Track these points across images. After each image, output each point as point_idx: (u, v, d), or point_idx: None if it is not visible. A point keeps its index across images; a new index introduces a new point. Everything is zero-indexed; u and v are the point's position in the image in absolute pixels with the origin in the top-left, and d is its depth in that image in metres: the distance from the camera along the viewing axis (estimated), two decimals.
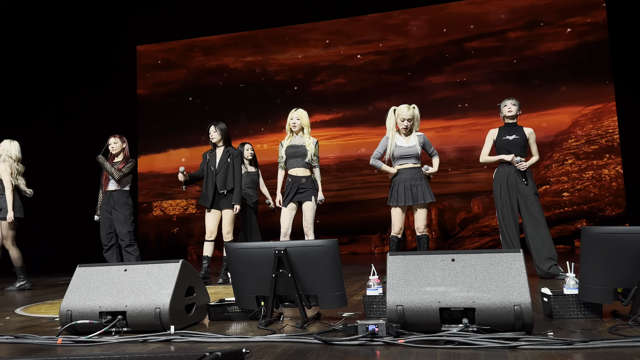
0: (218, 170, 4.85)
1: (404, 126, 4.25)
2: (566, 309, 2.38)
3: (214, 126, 4.92)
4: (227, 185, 4.83)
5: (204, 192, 4.89)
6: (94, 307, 2.48)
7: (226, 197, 4.85)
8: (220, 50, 10.31)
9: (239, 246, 2.58)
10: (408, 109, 4.26)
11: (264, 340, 2.15)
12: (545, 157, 8.27)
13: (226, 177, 4.82)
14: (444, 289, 2.14)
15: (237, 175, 4.85)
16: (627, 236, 2.20)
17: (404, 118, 4.25)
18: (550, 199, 8.31)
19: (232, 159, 4.86)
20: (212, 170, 4.86)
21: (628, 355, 1.70)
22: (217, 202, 4.87)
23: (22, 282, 5.12)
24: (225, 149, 4.91)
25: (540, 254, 4.04)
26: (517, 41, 8.80)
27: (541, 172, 8.34)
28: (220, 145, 4.94)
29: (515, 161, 4.13)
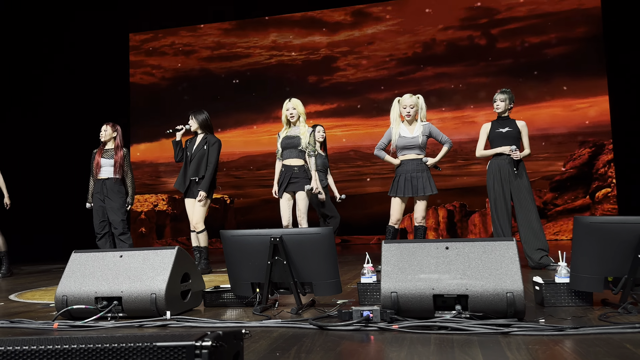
0: (193, 156, 4.79)
1: (407, 112, 4.31)
2: (557, 297, 2.42)
3: (192, 115, 4.92)
4: (199, 172, 4.75)
5: (180, 178, 4.84)
6: (90, 293, 2.49)
7: (198, 185, 4.76)
8: (216, 39, 10.26)
9: (234, 233, 2.59)
10: (410, 97, 4.35)
11: (259, 325, 2.17)
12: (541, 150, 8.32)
13: (199, 165, 4.76)
14: (438, 276, 2.17)
15: (211, 164, 4.76)
16: (619, 226, 2.24)
17: (405, 105, 4.31)
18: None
19: (208, 147, 4.79)
20: (187, 156, 4.83)
21: (617, 341, 1.74)
22: (191, 190, 4.81)
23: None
24: (204, 137, 4.87)
25: (531, 244, 4.09)
26: (512, 34, 8.82)
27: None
28: (200, 133, 4.91)
29: (511, 149, 4.16)
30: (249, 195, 9.80)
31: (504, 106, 4.27)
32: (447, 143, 4.38)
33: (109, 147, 5.19)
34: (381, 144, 4.43)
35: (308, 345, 1.82)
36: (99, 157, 5.13)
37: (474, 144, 4.69)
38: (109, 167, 5.12)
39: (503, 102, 4.27)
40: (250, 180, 9.84)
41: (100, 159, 5.12)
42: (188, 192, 4.81)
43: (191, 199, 4.80)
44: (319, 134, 5.43)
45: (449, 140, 4.39)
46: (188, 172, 4.79)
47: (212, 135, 4.91)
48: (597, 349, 1.64)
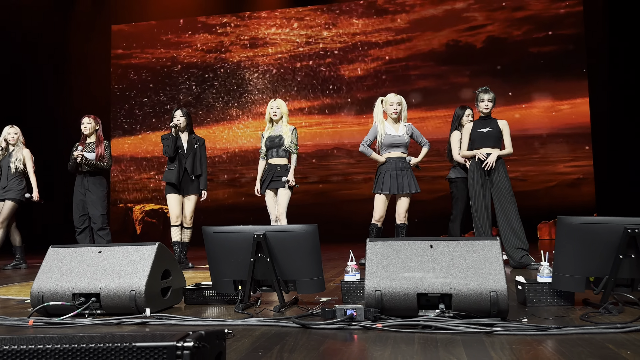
0: (187, 154, 4.77)
1: (394, 110, 4.36)
2: (540, 296, 2.43)
3: (181, 110, 4.84)
4: (195, 170, 4.78)
5: (172, 171, 4.73)
6: (67, 289, 2.42)
7: (193, 183, 4.78)
8: (201, 32, 10.14)
9: (217, 230, 2.55)
10: (395, 96, 4.42)
11: (241, 323, 2.14)
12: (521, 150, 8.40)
13: (194, 163, 4.77)
14: (422, 274, 2.16)
15: (204, 163, 4.86)
16: (601, 226, 2.25)
17: (392, 102, 4.37)
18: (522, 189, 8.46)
19: (199, 146, 4.85)
20: (180, 153, 4.77)
21: (599, 341, 1.75)
22: (182, 187, 4.77)
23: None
24: (191, 136, 4.84)
25: (511, 243, 4.12)
26: (495, 34, 8.88)
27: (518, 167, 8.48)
28: (184, 131, 4.84)
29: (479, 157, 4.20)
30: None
31: (491, 106, 4.30)
32: (427, 145, 4.49)
33: (90, 140, 5.09)
34: (367, 141, 4.46)
35: (291, 344, 1.79)
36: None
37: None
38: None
39: (491, 102, 4.29)
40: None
41: (83, 153, 5.02)
42: (177, 189, 4.75)
43: (178, 195, 4.76)
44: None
45: (427, 143, 4.50)
46: (182, 168, 4.74)
47: (196, 135, 4.92)
48: (580, 349, 1.65)
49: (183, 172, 4.76)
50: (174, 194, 4.77)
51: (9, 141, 5.30)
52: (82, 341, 0.90)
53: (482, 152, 4.22)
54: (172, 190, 4.77)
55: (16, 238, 5.36)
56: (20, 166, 5.25)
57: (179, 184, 4.75)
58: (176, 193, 4.77)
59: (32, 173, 5.33)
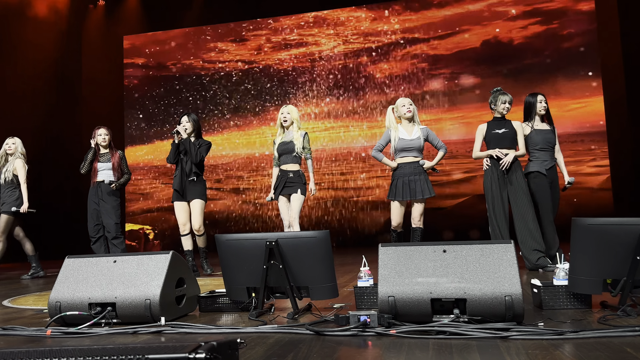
0: (188, 159, 4.73)
1: (407, 109, 4.34)
2: (556, 299, 2.40)
3: (187, 116, 4.82)
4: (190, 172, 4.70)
5: (176, 178, 4.76)
6: (83, 299, 2.45)
7: (195, 187, 4.71)
8: (210, 42, 10.22)
9: (229, 237, 2.56)
10: (404, 98, 4.43)
11: (255, 331, 2.14)
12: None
13: (191, 165, 4.70)
14: (436, 279, 2.15)
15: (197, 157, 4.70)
16: (617, 227, 2.22)
17: (404, 103, 4.36)
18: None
19: (199, 146, 4.75)
20: (182, 158, 4.75)
21: (617, 344, 1.72)
22: (185, 193, 4.73)
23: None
24: (196, 140, 4.80)
25: (528, 245, 4.08)
26: (506, 35, 8.82)
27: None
28: (192, 136, 4.82)
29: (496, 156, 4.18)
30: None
31: (510, 108, 4.29)
32: (443, 148, 4.42)
33: (104, 150, 5.16)
34: (379, 146, 4.44)
35: (305, 352, 1.79)
36: (95, 161, 5.10)
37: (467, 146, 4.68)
38: (107, 171, 5.10)
39: (510, 104, 4.28)
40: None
41: (97, 163, 5.09)
42: (181, 195, 4.75)
43: (183, 202, 4.75)
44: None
45: (444, 146, 4.43)
46: (184, 174, 4.73)
47: (202, 139, 4.87)
48: (598, 353, 1.62)
49: (185, 177, 4.72)
50: (178, 202, 4.75)
51: (7, 151, 5.31)
52: (95, 353, 0.91)
53: (500, 151, 4.19)
54: (176, 198, 4.75)
55: (28, 247, 5.37)
56: (9, 176, 5.21)
57: (182, 191, 4.72)
58: (181, 200, 4.74)
59: (24, 183, 5.25)
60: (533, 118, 4.35)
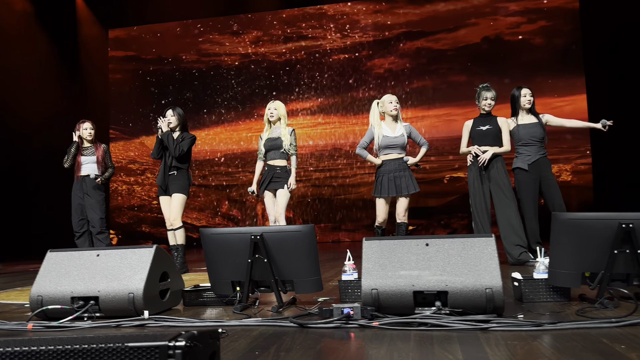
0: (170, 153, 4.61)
1: (394, 107, 4.39)
2: (536, 292, 2.44)
3: (172, 110, 4.72)
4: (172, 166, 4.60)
5: (159, 172, 4.68)
6: (66, 293, 2.44)
7: (175, 181, 4.61)
8: (195, 36, 10.16)
9: (214, 231, 2.56)
10: (391, 95, 4.45)
11: (239, 324, 2.15)
12: None
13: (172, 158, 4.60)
14: (418, 272, 2.17)
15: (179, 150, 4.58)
16: (595, 222, 2.26)
17: (391, 100, 4.40)
18: None
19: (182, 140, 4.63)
20: (165, 153, 4.64)
21: (594, 336, 1.75)
22: (167, 187, 4.63)
23: None
24: (180, 134, 4.70)
25: (510, 240, 4.13)
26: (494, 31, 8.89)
27: None
28: (176, 131, 4.73)
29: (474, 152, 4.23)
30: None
31: (493, 104, 4.32)
32: (425, 145, 4.49)
33: (87, 144, 5.11)
34: (363, 143, 4.47)
35: (288, 344, 1.81)
36: (79, 155, 5.05)
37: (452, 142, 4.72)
38: (91, 164, 5.05)
39: (494, 100, 4.31)
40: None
41: (81, 157, 5.04)
42: (165, 191, 4.69)
43: (167, 197, 4.67)
44: None
45: (426, 142, 4.50)
46: (167, 168, 4.65)
47: (187, 133, 4.79)
48: (575, 343, 1.66)
49: (167, 171, 4.63)
50: (162, 196, 4.68)
51: None
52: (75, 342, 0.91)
53: (478, 148, 4.24)
54: (160, 192, 4.68)
55: None
56: None
57: (165, 185, 4.64)
58: (164, 195, 4.66)
59: None
60: (518, 112, 4.37)
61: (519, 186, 4.25)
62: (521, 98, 4.29)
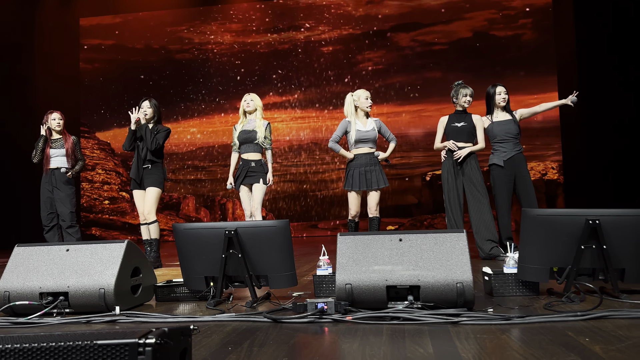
0: (144, 145, 4.53)
1: (369, 104, 4.43)
2: (505, 287, 2.50)
3: (148, 101, 4.61)
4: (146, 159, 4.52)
5: (133, 165, 4.59)
6: (34, 288, 2.39)
7: (150, 175, 4.52)
8: (170, 26, 10.00)
9: (187, 227, 2.54)
10: (365, 91, 4.49)
11: (212, 319, 2.14)
12: None
13: (147, 151, 4.51)
14: (391, 267, 2.20)
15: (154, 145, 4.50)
16: (563, 218, 2.32)
17: (367, 97, 4.44)
18: None
19: (157, 133, 4.56)
20: (139, 145, 4.57)
21: (561, 329, 1.80)
22: (142, 181, 4.55)
23: None
24: (154, 127, 4.61)
25: (482, 235, 4.21)
26: (469, 29, 8.99)
27: None
28: (150, 122, 4.63)
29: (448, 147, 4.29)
30: None
31: (471, 101, 4.36)
32: (394, 140, 4.55)
33: (57, 136, 5.00)
34: (335, 137, 4.48)
35: (261, 339, 1.81)
36: (47, 148, 4.93)
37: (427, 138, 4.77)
38: (61, 157, 4.94)
39: (472, 97, 4.36)
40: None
41: (49, 150, 4.92)
42: (139, 184, 4.60)
43: (141, 190, 4.58)
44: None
45: (394, 138, 4.57)
46: (140, 160, 4.56)
47: (162, 125, 4.71)
48: (542, 337, 1.70)
49: (141, 164, 4.53)
50: (135, 190, 4.57)
51: None
52: (42, 340, 0.89)
53: (454, 143, 4.29)
54: (133, 186, 4.58)
55: None
56: None
57: (139, 179, 4.54)
58: (138, 188, 4.56)
59: None
60: (493, 110, 4.43)
61: (494, 182, 4.32)
62: (496, 96, 4.35)
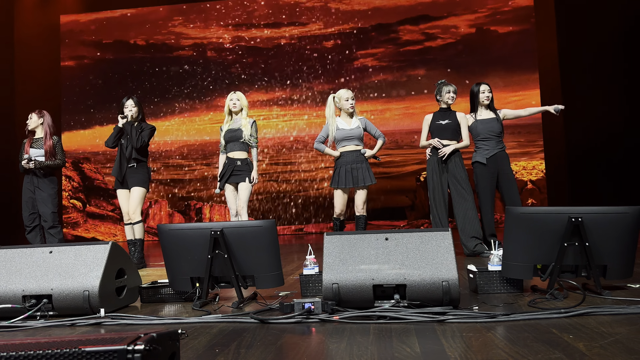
0: (128, 143, 4.48)
1: (350, 104, 4.42)
2: (490, 284, 2.53)
3: (132, 100, 4.55)
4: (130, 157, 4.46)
5: (115, 164, 4.52)
6: (17, 291, 2.35)
7: (135, 174, 4.46)
8: (153, 23, 9.90)
9: (172, 227, 2.52)
10: (347, 91, 4.47)
11: (199, 321, 2.13)
12: None
13: (132, 149, 4.45)
14: (378, 266, 2.21)
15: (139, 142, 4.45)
16: (547, 216, 2.35)
17: (347, 97, 4.42)
18: None
19: (141, 130, 4.51)
20: (123, 143, 4.51)
21: (544, 326, 1.83)
22: (126, 180, 4.49)
23: None
24: (139, 124, 4.55)
25: (466, 233, 4.25)
26: (452, 26, 9.05)
27: None
28: (135, 121, 4.56)
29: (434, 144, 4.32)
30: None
31: (455, 98, 4.41)
32: (381, 137, 4.52)
33: (38, 135, 4.92)
34: (320, 138, 4.51)
35: (249, 340, 1.80)
36: (28, 147, 4.86)
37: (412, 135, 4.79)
38: (40, 157, 4.86)
39: (455, 94, 4.41)
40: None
41: (30, 149, 4.84)
42: (122, 183, 4.55)
43: (125, 190, 4.52)
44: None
45: (382, 135, 4.53)
46: (124, 159, 4.50)
47: (145, 123, 4.65)
48: (526, 334, 1.73)
49: (125, 163, 4.47)
50: (119, 190, 4.52)
51: None
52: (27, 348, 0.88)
53: (439, 141, 4.32)
54: (117, 185, 4.52)
55: None
56: None
57: (123, 177, 4.48)
58: (121, 188, 4.51)
59: None
60: (477, 108, 4.47)
61: (477, 180, 4.36)
62: (480, 94, 4.40)
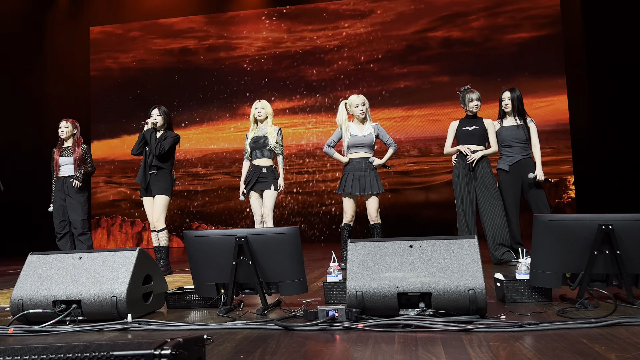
0: (151, 152, 4.51)
1: (360, 111, 4.38)
2: (518, 293, 2.48)
3: (157, 109, 4.61)
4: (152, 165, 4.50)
5: (141, 172, 4.56)
6: (47, 296, 2.40)
7: (157, 182, 4.50)
8: (181, 33, 10.08)
9: (198, 234, 2.55)
10: (358, 97, 4.42)
11: (224, 327, 2.15)
12: None
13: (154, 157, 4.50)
14: (402, 274, 2.19)
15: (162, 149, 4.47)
16: (576, 223, 2.30)
17: (357, 104, 4.39)
18: None
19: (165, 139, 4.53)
20: (147, 151, 4.55)
21: (574, 336, 1.79)
22: (149, 187, 4.53)
23: None
24: (163, 133, 4.60)
25: (494, 240, 4.18)
26: (477, 32, 8.97)
27: None
28: (161, 130, 4.62)
29: (464, 151, 4.27)
30: None
31: (479, 105, 4.37)
32: (393, 146, 4.46)
33: (67, 144, 5.05)
34: (331, 142, 4.50)
35: (273, 347, 1.81)
36: (57, 155, 4.99)
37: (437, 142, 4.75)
38: (69, 165, 4.98)
39: (479, 101, 4.37)
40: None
41: (59, 158, 4.98)
42: (147, 191, 4.61)
43: (149, 197, 4.56)
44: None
45: (394, 143, 4.48)
46: (147, 167, 4.54)
47: (170, 132, 4.71)
48: (556, 344, 1.69)
49: (147, 170, 4.51)
50: (144, 197, 4.57)
51: None
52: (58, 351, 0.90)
53: (467, 147, 4.28)
54: (142, 193, 4.58)
55: None
56: None
57: (146, 185, 4.52)
58: (146, 195, 4.55)
59: None
60: (501, 115, 4.43)
61: (501, 187, 4.31)
62: (501, 102, 4.40)
